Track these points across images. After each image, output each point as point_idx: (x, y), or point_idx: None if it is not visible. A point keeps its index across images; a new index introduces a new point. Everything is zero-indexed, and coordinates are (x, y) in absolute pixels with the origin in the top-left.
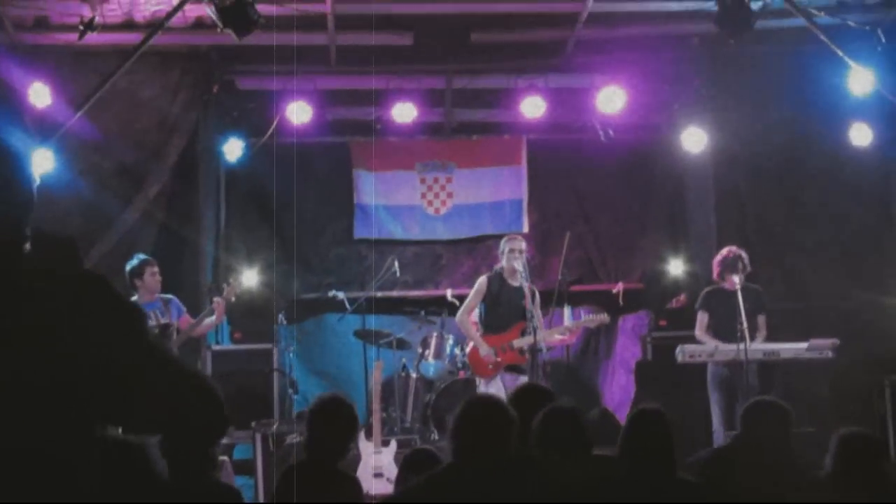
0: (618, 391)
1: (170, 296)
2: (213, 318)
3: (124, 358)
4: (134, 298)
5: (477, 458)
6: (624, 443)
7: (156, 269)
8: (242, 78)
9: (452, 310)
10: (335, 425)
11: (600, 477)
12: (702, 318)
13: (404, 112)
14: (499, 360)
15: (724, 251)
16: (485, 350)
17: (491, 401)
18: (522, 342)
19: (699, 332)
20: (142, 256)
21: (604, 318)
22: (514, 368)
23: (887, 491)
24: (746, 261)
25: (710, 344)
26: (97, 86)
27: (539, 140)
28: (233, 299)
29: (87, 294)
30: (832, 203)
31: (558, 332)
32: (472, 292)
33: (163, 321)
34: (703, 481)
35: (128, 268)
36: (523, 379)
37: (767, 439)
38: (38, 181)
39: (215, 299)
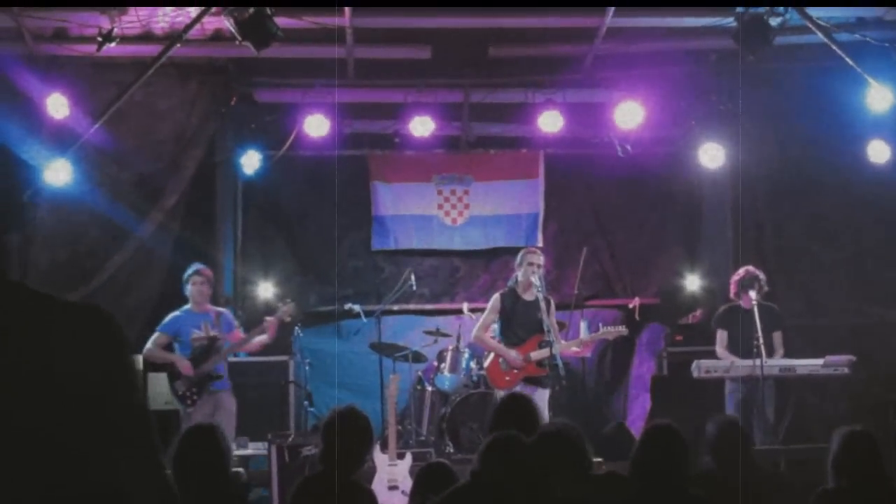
0: (633, 406)
1: (223, 309)
2: (265, 336)
3: (106, 414)
4: (186, 307)
5: (496, 480)
6: (636, 460)
7: (200, 279)
8: (260, 90)
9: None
10: (350, 437)
11: (612, 495)
12: (721, 336)
13: (422, 125)
14: (524, 364)
15: (742, 271)
16: (512, 354)
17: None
18: (540, 354)
19: (720, 348)
20: (196, 266)
21: (622, 329)
22: (532, 381)
23: (885, 483)
24: (763, 280)
25: (727, 360)
26: (115, 97)
27: (556, 154)
28: (288, 319)
29: (82, 331)
30: (850, 220)
31: (574, 344)
32: (486, 310)
33: (212, 333)
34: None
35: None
36: (542, 391)
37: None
38: (30, 192)
39: (267, 318)
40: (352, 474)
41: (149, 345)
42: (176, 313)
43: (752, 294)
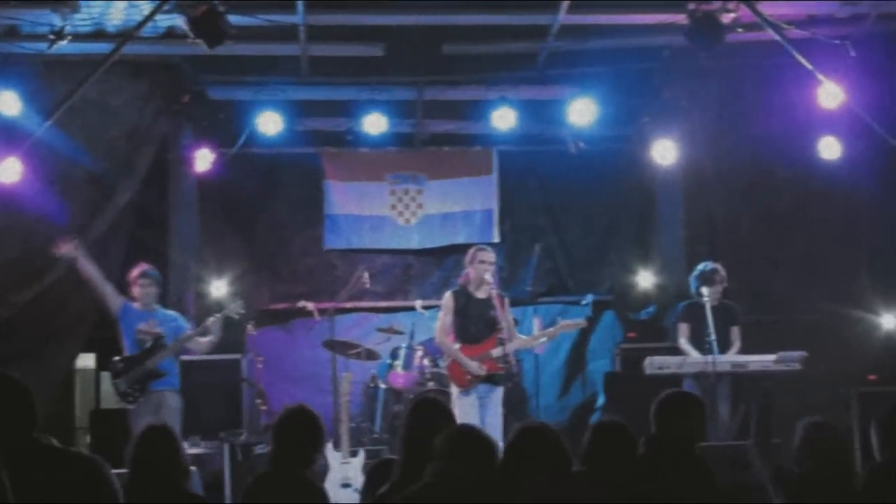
0: (585, 402)
1: (175, 314)
2: (211, 336)
3: None
4: (135, 304)
5: (453, 480)
6: (588, 457)
7: (145, 281)
8: (213, 88)
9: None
10: (301, 436)
11: (577, 495)
12: (683, 329)
13: (375, 123)
14: (484, 373)
15: (701, 266)
16: (473, 366)
17: (473, 430)
18: (497, 352)
19: (682, 340)
20: (142, 268)
21: (580, 322)
22: (488, 378)
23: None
24: (723, 275)
25: (678, 357)
26: (67, 95)
27: (510, 151)
28: (237, 316)
29: None
30: (801, 216)
31: (527, 341)
32: (441, 311)
33: (156, 330)
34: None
35: (130, 274)
36: (497, 389)
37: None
38: None
39: (209, 319)
40: (303, 472)
41: (113, 295)
42: (131, 303)
43: (705, 290)
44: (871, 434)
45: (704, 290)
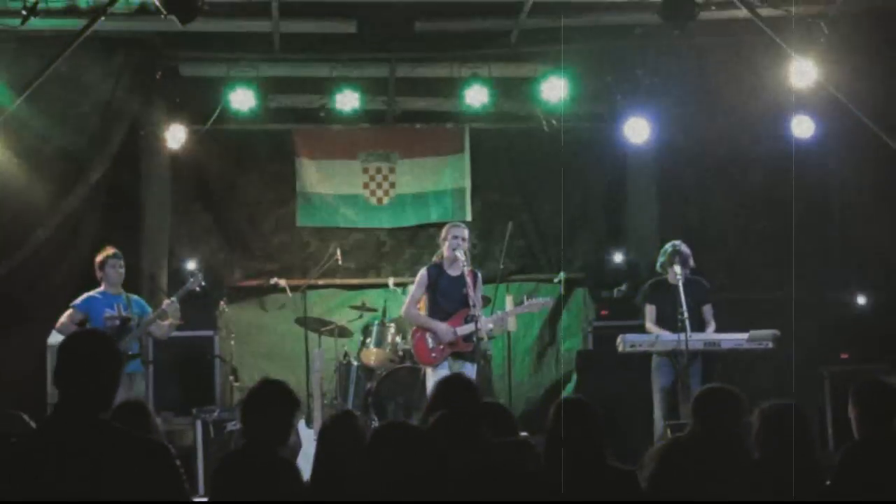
0: (559, 380)
1: (139, 298)
2: (172, 320)
3: None
4: (101, 289)
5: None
6: (550, 433)
7: (117, 262)
8: (186, 64)
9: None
10: (273, 411)
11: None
12: (650, 311)
13: (347, 100)
14: (455, 338)
15: (668, 245)
16: (443, 328)
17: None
18: (466, 329)
19: (649, 324)
20: (110, 251)
21: (548, 301)
22: (459, 356)
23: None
24: (689, 255)
25: (651, 334)
26: (39, 71)
27: (482, 129)
28: (197, 289)
29: None
30: (774, 195)
31: (500, 318)
32: (414, 285)
33: (124, 314)
34: (660, 471)
35: (97, 258)
36: (469, 366)
37: (719, 429)
38: None
39: (165, 301)
40: (276, 448)
41: (63, 319)
42: (90, 293)
43: (678, 269)
44: (849, 408)
45: (677, 269)
